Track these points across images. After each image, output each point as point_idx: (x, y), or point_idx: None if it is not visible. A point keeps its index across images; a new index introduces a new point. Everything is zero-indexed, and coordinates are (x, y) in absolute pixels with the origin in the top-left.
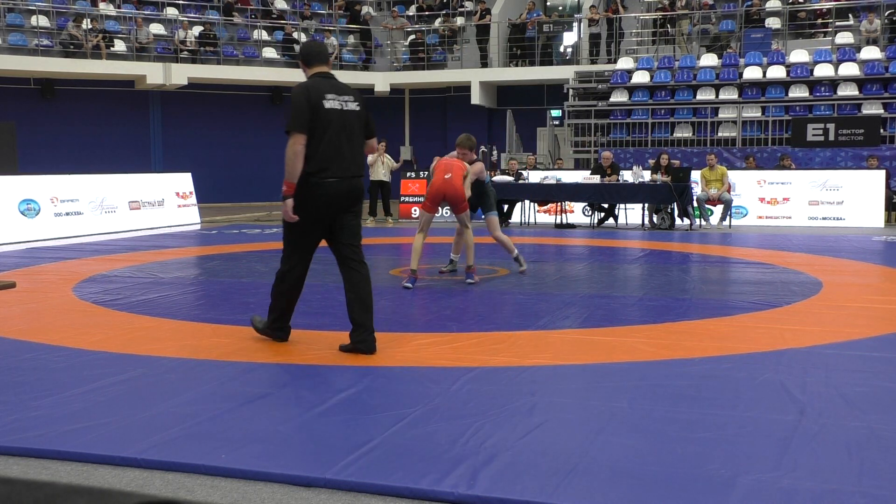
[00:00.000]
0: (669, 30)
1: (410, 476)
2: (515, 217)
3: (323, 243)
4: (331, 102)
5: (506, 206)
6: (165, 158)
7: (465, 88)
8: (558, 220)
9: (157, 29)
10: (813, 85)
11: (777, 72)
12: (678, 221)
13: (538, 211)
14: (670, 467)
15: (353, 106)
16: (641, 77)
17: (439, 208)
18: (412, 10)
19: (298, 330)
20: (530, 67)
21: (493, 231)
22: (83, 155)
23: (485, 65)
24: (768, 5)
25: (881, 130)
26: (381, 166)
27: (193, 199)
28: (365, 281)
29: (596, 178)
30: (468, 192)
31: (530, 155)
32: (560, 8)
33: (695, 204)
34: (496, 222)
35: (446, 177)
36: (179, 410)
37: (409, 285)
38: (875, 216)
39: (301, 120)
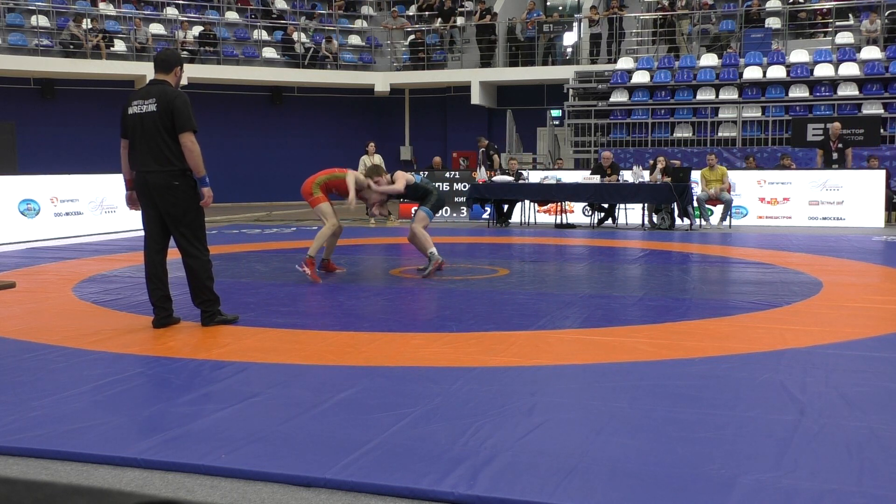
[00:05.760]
0: (669, 30)
1: (410, 476)
2: (515, 217)
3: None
4: (133, 108)
5: (506, 206)
6: None
7: (465, 88)
8: (558, 220)
9: (156, 29)
10: (813, 85)
11: (777, 72)
12: (678, 221)
13: (538, 211)
14: (670, 467)
15: (151, 107)
16: (641, 77)
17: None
18: (412, 10)
19: (298, 330)
20: (530, 67)
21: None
22: (83, 155)
23: (485, 65)
24: (768, 5)
25: (881, 130)
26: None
27: None
28: (188, 271)
29: (596, 178)
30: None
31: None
32: (560, 8)
33: (695, 204)
34: (421, 216)
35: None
36: (179, 410)
37: (301, 268)
38: (875, 216)
39: (120, 128)
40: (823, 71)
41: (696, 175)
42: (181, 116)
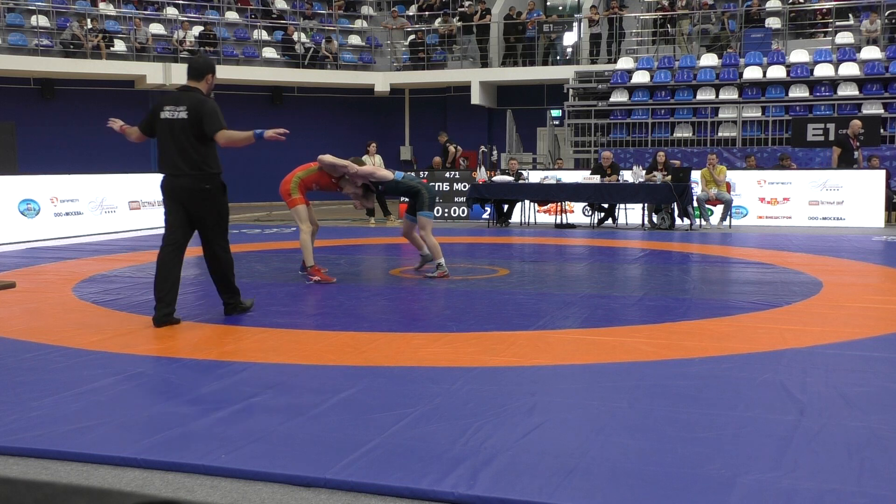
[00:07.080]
0: (669, 30)
1: (410, 476)
2: (515, 217)
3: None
4: (165, 114)
5: (506, 206)
6: None
7: (465, 88)
8: (558, 220)
9: (156, 29)
10: (813, 85)
11: (777, 72)
12: (678, 221)
13: (538, 211)
14: (670, 467)
15: (182, 115)
16: (641, 77)
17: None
18: (412, 10)
19: (298, 330)
20: (530, 67)
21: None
22: (83, 155)
23: (485, 65)
24: (768, 5)
25: (881, 130)
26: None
27: None
28: (219, 265)
29: (596, 178)
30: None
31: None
32: (560, 8)
33: (695, 204)
34: (424, 221)
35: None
36: (179, 410)
37: (311, 280)
38: (875, 216)
39: (141, 122)
40: (823, 71)
41: (696, 175)
42: (212, 121)
